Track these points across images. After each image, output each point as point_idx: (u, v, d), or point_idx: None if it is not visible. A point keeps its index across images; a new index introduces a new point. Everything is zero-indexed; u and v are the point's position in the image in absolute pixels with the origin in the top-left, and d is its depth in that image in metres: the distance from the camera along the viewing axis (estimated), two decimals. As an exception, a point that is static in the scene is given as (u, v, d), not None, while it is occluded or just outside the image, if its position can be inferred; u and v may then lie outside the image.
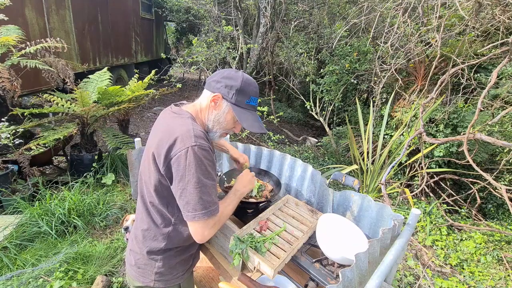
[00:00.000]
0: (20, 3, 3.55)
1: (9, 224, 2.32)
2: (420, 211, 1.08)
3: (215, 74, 0.97)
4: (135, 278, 1.04)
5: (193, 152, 0.82)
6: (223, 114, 0.95)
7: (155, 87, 4.75)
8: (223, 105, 0.94)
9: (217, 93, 0.93)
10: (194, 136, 0.84)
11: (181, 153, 0.82)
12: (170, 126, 0.90)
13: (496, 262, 2.69)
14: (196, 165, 0.82)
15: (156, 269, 1.00)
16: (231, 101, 0.93)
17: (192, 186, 0.83)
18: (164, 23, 9.35)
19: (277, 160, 1.62)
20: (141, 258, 1.01)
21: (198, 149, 0.83)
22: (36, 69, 2.82)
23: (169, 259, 1.01)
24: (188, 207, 0.84)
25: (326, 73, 5.24)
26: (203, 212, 0.84)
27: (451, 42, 3.61)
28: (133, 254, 1.04)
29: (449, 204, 3.39)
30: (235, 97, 0.92)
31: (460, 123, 3.45)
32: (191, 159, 0.82)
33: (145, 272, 1.01)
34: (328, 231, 1.05)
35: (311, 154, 4.97)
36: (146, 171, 0.95)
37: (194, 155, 0.82)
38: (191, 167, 0.82)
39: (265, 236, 1.11)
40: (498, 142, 1.93)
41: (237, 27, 5.07)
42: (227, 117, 0.95)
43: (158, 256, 0.99)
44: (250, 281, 0.96)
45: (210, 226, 0.88)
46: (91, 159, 3.13)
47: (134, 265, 1.03)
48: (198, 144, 0.83)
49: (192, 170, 0.82)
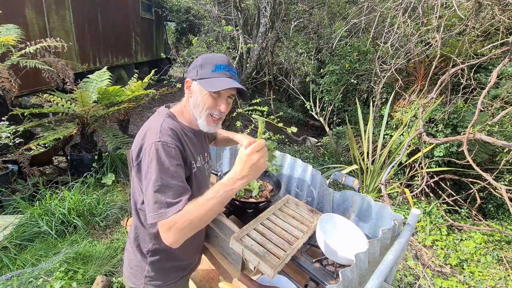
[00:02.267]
0: (20, 3, 3.55)
1: (9, 224, 2.32)
2: (420, 211, 1.08)
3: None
4: (128, 279, 1.04)
5: (155, 148, 0.80)
6: (197, 95, 0.91)
7: (155, 87, 4.75)
8: (194, 87, 0.92)
9: (187, 79, 0.94)
10: (159, 132, 0.83)
11: (146, 151, 0.81)
12: (145, 125, 0.91)
13: (496, 262, 2.69)
14: (156, 162, 0.79)
15: (145, 272, 0.99)
16: (197, 78, 0.90)
17: (151, 185, 0.78)
18: (164, 23, 9.34)
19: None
20: (134, 259, 1.01)
21: (160, 145, 0.80)
22: (36, 69, 2.82)
23: (159, 262, 0.99)
24: (148, 208, 0.79)
25: (326, 73, 5.24)
26: (155, 214, 0.77)
27: (451, 42, 3.61)
28: (127, 253, 1.05)
29: (449, 204, 3.39)
30: (199, 73, 0.90)
31: (460, 123, 3.45)
32: (152, 156, 0.79)
33: (136, 274, 1.01)
34: (328, 231, 1.05)
35: (311, 154, 4.97)
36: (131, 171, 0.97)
37: (155, 152, 0.80)
38: (152, 163, 0.79)
39: (265, 235, 1.11)
40: (498, 142, 1.93)
41: (237, 27, 5.06)
42: (203, 97, 0.90)
43: (148, 259, 0.98)
44: (250, 281, 0.96)
45: (165, 229, 0.76)
46: (91, 159, 3.13)
47: (128, 265, 1.03)
48: (162, 141, 0.81)
49: (152, 168, 0.79)
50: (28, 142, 2.71)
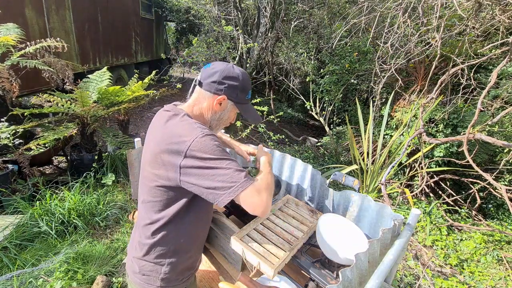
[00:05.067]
0: (20, 3, 3.55)
1: (9, 224, 2.32)
2: (420, 211, 1.08)
3: (211, 73, 0.94)
4: (139, 286, 1.00)
5: (205, 139, 0.83)
6: (227, 113, 1.01)
7: (155, 87, 4.75)
8: (227, 104, 0.98)
9: (222, 95, 0.94)
10: (198, 127, 0.86)
11: (195, 144, 0.82)
12: (171, 125, 0.89)
13: (496, 262, 2.69)
14: (213, 147, 0.83)
15: (162, 274, 0.97)
16: (235, 100, 0.98)
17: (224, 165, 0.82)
18: (164, 23, 9.34)
19: (277, 160, 1.62)
20: (146, 265, 0.98)
21: (207, 136, 0.84)
22: (36, 69, 2.81)
23: (176, 262, 0.99)
24: (227, 184, 0.82)
25: (326, 73, 5.24)
26: (243, 182, 0.82)
27: (451, 42, 3.61)
28: (136, 262, 1.00)
29: (449, 204, 3.39)
30: (238, 96, 0.98)
31: (460, 123, 3.45)
32: (206, 145, 0.82)
33: (150, 279, 0.98)
34: (328, 231, 1.05)
35: (311, 154, 4.98)
36: (149, 177, 0.92)
37: (207, 140, 0.83)
38: (209, 151, 0.82)
39: (265, 235, 1.11)
40: (498, 142, 1.93)
41: (237, 27, 5.07)
42: (230, 114, 1.02)
43: (167, 260, 0.97)
44: (250, 281, 0.96)
45: (255, 193, 0.84)
46: (91, 159, 3.13)
47: (139, 273, 0.99)
48: (205, 133, 0.85)
49: (213, 154, 0.82)
50: (28, 142, 2.71)
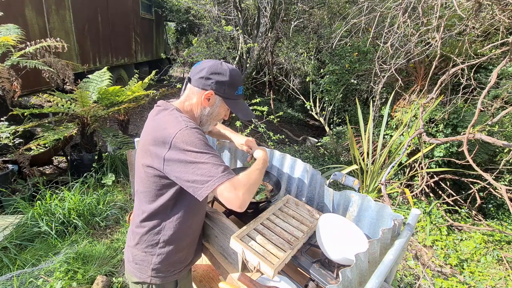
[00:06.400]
0: (20, 3, 3.55)
1: (9, 224, 2.32)
2: (420, 211, 1.08)
3: (199, 69, 0.96)
4: (132, 274, 1.05)
5: (187, 131, 0.85)
6: (216, 108, 1.00)
7: (155, 87, 4.75)
8: (215, 100, 0.99)
9: (210, 90, 0.95)
10: (183, 121, 0.88)
11: (178, 136, 0.84)
12: (159, 120, 0.93)
13: (496, 262, 2.69)
14: (195, 140, 0.84)
15: (152, 265, 1.01)
16: (223, 96, 0.98)
17: (204, 158, 0.82)
18: (164, 23, 9.34)
19: (277, 160, 1.62)
20: (139, 254, 1.02)
21: (190, 129, 0.86)
22: (36, 69, 2.81)
23: (166, 254, 1.01)
24: (204, 178, 0.82)
25: (326, 73, 5.24)
26: (220, 176, 0.82)
27: (451, 42, 3.61)
28: (130, 250, 1.05)
29: (449, 204, 3.39)
30: (226, 91, 0.97)
31: (460, 123, 3.45)
32: (188, 137, 0.84)
33: (142, 268, 1.02)
34: (328, 231, 1.05)
35: (311, 154, 4.98)
36: (140, 168, 0.97)
37: (190, 133, 0.84)
38: (190, 143, 0.83)
39: (265, 235, 1.11)
40: (498, 142, 1.93)
41: (237, 27, 5.07)
42: (220, 110, 1.02)
43: (156, 250, 1.00)
44: (250, 281, 0.96)
45: (232, 188, 0.83)
46: (91, 159, 3.13)
47: (132, 261, 1.04)
48: (189, 126, 0.86)
49: (193, 146, 0.83)
50: (28, 142, 2.71)
